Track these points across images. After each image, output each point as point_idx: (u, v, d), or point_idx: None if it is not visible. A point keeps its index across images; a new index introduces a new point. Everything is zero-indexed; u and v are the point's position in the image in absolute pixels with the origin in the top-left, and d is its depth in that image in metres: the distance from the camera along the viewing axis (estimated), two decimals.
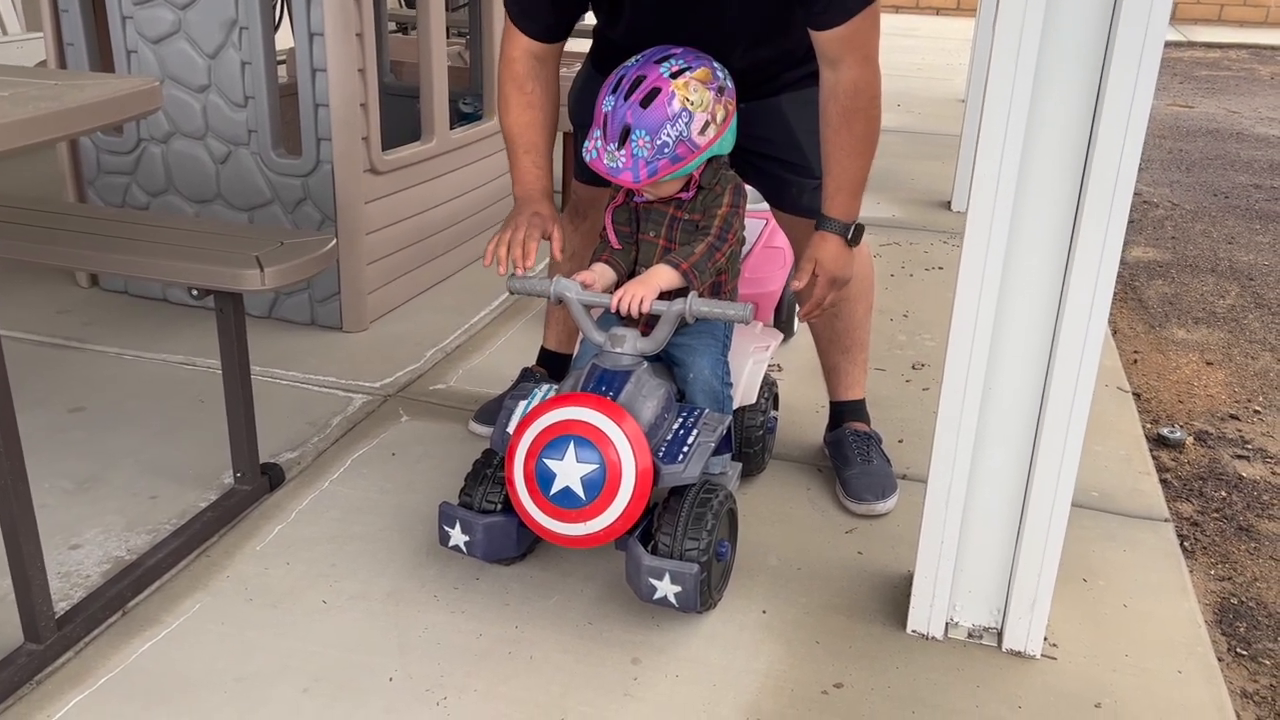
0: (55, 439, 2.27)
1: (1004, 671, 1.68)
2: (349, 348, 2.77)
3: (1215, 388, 2.95)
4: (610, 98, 1.72)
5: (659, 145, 1.69)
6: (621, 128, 1.69)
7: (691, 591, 1.63)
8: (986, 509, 1.68)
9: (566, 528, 1.66)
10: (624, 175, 1.72)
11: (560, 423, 1.65)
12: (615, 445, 1.62)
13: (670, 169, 1.71)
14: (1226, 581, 2.10)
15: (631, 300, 1.72)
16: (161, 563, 1.84)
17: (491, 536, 1.74)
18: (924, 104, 6.31)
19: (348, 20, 2.58)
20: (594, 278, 1.82)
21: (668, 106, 1.68)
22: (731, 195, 1.81)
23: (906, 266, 3.52)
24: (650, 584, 1.64)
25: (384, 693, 1.59)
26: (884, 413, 2.38)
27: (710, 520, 1.68)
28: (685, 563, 1.63)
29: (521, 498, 1.68)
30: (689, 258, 1.76)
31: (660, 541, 1.67)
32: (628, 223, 1.89)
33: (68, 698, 1.56)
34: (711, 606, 1.76)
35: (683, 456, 1.69)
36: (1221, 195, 4.94)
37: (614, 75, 1.74)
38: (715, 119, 1.73)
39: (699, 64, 1.72)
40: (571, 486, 1.63)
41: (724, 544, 1.75)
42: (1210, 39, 10.05)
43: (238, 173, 2.76)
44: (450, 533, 1.76)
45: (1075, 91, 1.45)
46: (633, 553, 1.67)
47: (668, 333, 1.76)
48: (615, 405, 1.65)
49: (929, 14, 11.58)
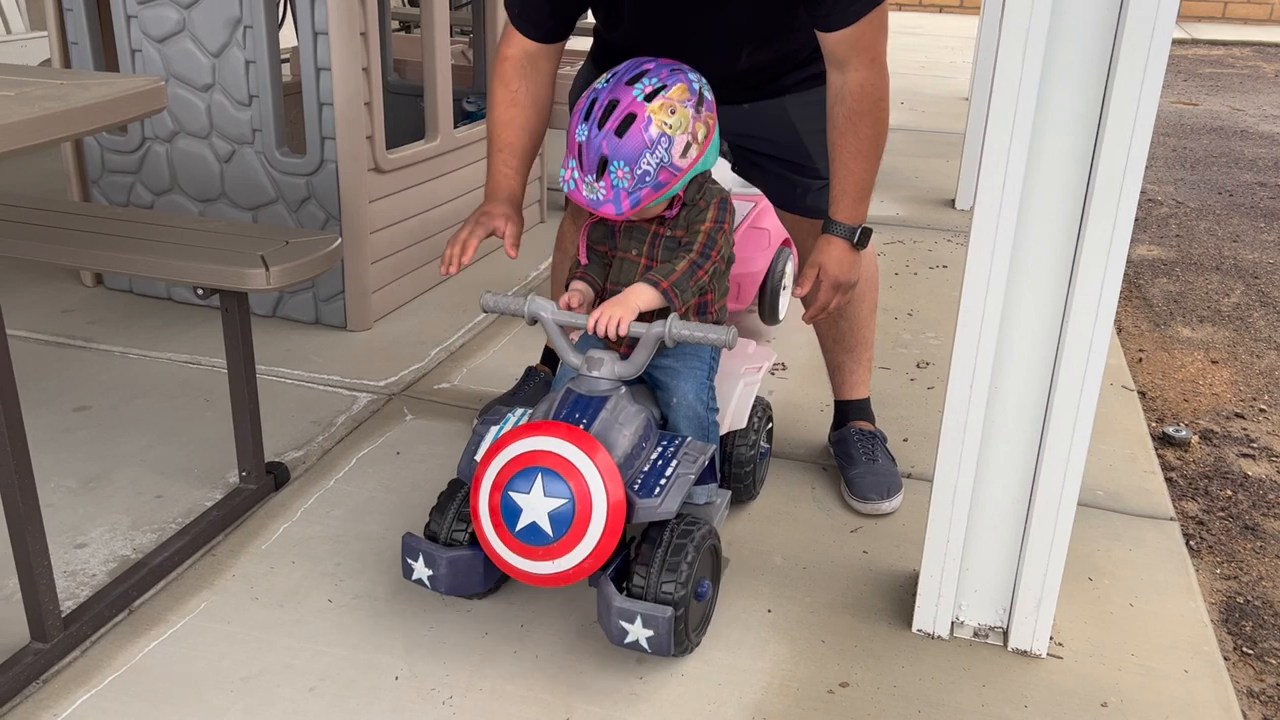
0: (60, 438, 2.27)
1: (1010, 671, 1.67)
2: (353, 347, 2.77)
3: (1220, 386, 2.95)
4: (583, 125, 1.61)
5: (639, 174, 1.59)
6: (598, 159, 1.60)
7: (665, 636, 1.53)
8: (992, 508, 1.67)
9: (533, 565, 1.55)
10: (605, 208, 1.63)
11: (528, 453, 1.55)
12: (586, 479, 1.52)
13: (654, 196, 1.63)
14: (1232, 580, 2.10)
15: (609, 322, 1.63)
16: (167, 562, 1.84)
17: (456, 571, 1.65)
18: (927, 102, 6.29)
19: (352, 19, 2.58)
20: (578, 299, 1.75)
21: (645, 133, 1.58)
22: (716, 210, 1.72)
23: (911, 265, 3.52)
24: (621, 627, 1.54)
25: (390, 692, 1.59)
26: (889, 411, 2.37)
27: (689, 558, 1.57)
28: (659, 605, 1.53)
29: (486, 532, 1.58)
30: (669, 276, 1.67)
31: (634, 581, 1.57)
32: (603, 240, 1.81)
33: (74, 696, 1.57)
34: (688, 650, 1.65)
35: (660, 489, 1.59)
36: (1226, 193, 4.93)
37: (584, 99, 1.64)
38: (696, 138, 1.63)
39: (674, 80, 1.63)
40: (538, 522, 1.53)
41: (704, 583, 1.64)
42: (1214, 36, 10.03)
43: (242, 172, 2.77)
44: (413, 565, 1.67)
45: (1082, 89, 1.44)
46: (603, 592, 1.56)
47: (647, 356, 1.66)
48: (587, 435, 1.55)
49: (932, 11, 11.57)
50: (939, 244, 3.74)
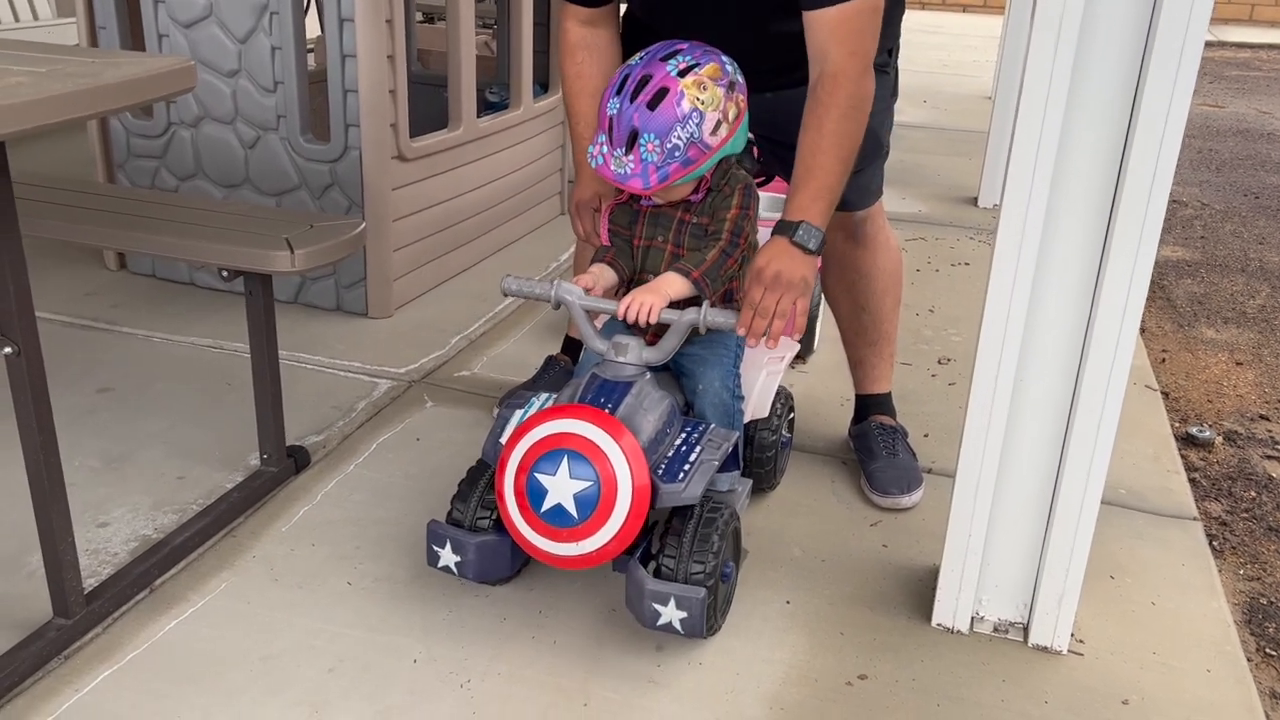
0: (84, 419, 2.28)
1: (1030, 666, 1.66)
2: (374, 333, 2.77)
3: (1245, 388, 2.92)
4: (615, 99, 1.62)
5: (669, 149, 1.59)
6: (629, 131, 1.60)
7: (698, 617, 1.55)
8: (1015, 503, 1.66)
9: (558, 547, 1.56)
10: (633, 182, 1.62)
11: (554, 435, 1.56)
12: (611, 461, 1.53)
13: (682, 173, 1.62)
14: (1255, 582, 2.08)
15: (640, 308, 1.63)
16: (188, 542, 1.85)
17: (484, 557, 1.66)
18: (950, 100, 6.26)
19: (378, 6, 2.58)
20: (592, 281, 1.73)
21: (677, 107, 1.59)
22: (741, 197, 1.71)
23: (933, 261, 3.50)
24: (654, 609, 1.55)
25: (408, 675, 1.59)
26: (910, 407, 2.36)
27: (716, 541, 1.58)
28: (692, 586, 1.55)
29: (511, 514, 1.59)
30: (700, 265, 1.68)
31: (664, 564, 1.58)
32: (629, 225, 1.81)
33: (96, 672, 1.58)
34: (715, 631, 1.67)
35: (684, 475, 1.59)
36: (1252, 195, 4.89)
37: (618, 74, 1.65)
38: (727, 117, 1.64)
39: (707, 59, 1.64)
40: (564, 504, 1.54)
41: (729, 565, 1.65)
42: (1241, 39, 9.94)
43: (266, 158, 2.77)
44: (440, 552, 1.68)
45: (1112, 90, 1.43)
46: (634, 575, 1.58)
47: (676, 343, 1.67)
48: (613, 419, 1.56)
49: (955, 10, 11.50)
50: (961, 241, 3.72)
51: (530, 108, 3.40)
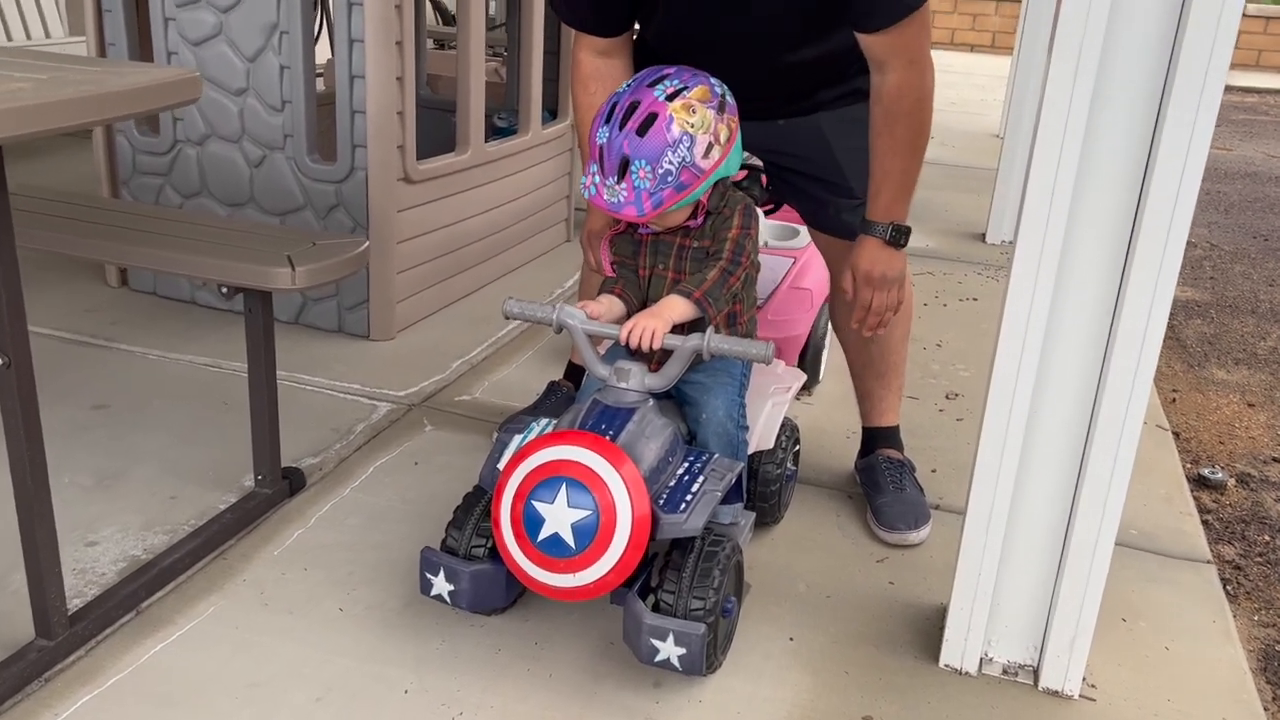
0: (77, 435, 2.25)
1: (1040, 710, 1.61)
2: (375, 356, 2.74)
3: (1257, 430, 2.88)
4: (604, 128, 1.60)
5: (661, 174, 1.57)
6: (619, 159, 1.57)
7: (697, 654, 1.49)
8: (1026, 543, 1.62)
9: (554, 578, 1.51)
10: (627, 210, 1.60)
11: (553, 462, 1.51)
12: (611, 490, 1.48)
13: (676, 198, 1.59)
14: (1271, 628, 2.02)
15: (643, 333, 1.60)
16: (178, 563, 1.80)
17: (479, 586, 1.61)
18: (959, 138, 6.27)
19: (388, 28, 2.57)
20: (600, 309, 1.71)
21: (667, 132, 1.56)
22: (741, 217, 1.70)
23: (940, 296, 3.47)
24: (651, 645, 1.50)
25: (399, 705, 1.55)
26: (918, 442, 2.32)
27: (718, 575, 1.53)
28: (691, 622, 1.49)
29: (507, 542, 1.54)
30: (701, 285, 1.65)
31: (663, 598, 1.53)
32: (633, 255, 1.78)
33: (77, 696, 1.53)
34: (716, 669, 1.61)
35: (685, 505, 1.55)
36: (1261, 238, 4.86)
37: (605, 103, 1.63)
38: (719, 139, 1.61)
39: (695, 82, 1.62)
40: (560, 533, 1.48)
41: (730, 600, 1.60)
42: (1248, 84, 9.97)
43: (272, 177, 2.76)
44: (433, 581, 1.62)
45: (1130, 132, 1.40)
46: (632, 609, 1.52)
47: (680, 369, 1.63)
48: (614, 446, 1.51)
49: (964, 50, 11.57)
50: (969, 276, 3.69)
51: (539, 134, 3.39)
